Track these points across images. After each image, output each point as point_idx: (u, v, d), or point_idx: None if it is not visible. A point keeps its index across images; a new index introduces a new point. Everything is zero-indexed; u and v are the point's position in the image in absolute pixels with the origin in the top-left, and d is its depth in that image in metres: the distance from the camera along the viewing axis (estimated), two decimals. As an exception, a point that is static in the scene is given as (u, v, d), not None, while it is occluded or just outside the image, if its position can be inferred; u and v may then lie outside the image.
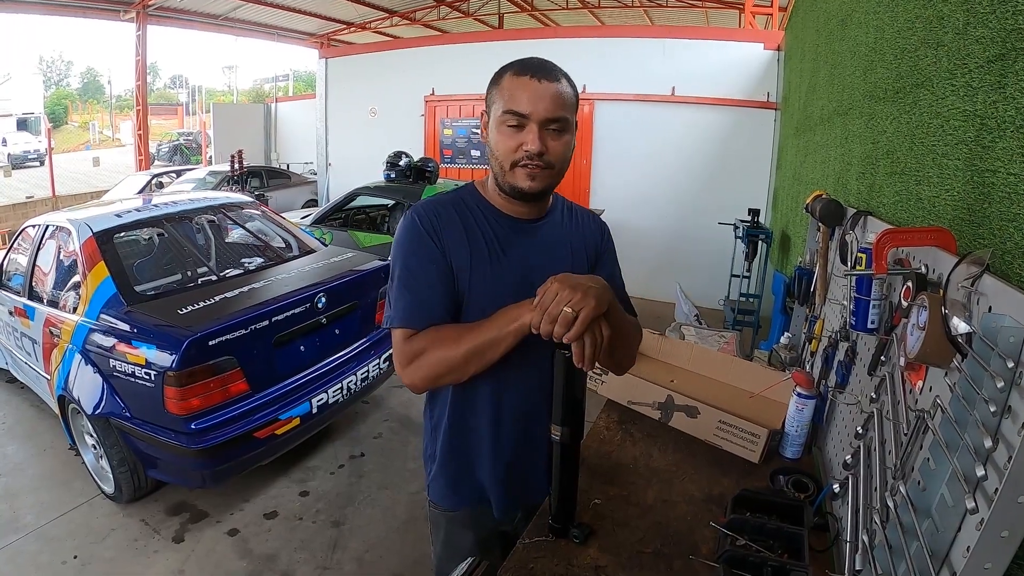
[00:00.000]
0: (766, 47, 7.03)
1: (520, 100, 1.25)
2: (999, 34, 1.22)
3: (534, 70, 1.26)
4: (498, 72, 1.32)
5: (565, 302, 1.12)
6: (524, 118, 1.25)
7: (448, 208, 1.37)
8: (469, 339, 1.25)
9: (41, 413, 4.34)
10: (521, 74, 1.26)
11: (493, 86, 1.31)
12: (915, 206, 1.65)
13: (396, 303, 1.33)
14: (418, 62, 9.18)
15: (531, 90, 1.25)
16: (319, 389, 3.43)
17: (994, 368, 0.88)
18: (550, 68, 1.29)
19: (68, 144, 36.32)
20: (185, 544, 3.09)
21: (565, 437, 1.29)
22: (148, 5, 12.31)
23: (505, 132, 1.28)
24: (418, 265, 1.32)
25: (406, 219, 1.36)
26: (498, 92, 1.29)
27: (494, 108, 1.29)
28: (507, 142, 1.28)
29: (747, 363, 2.26)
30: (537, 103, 1.24)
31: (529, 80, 1.25)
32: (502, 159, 1.30)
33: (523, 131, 1.26)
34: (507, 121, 1.26)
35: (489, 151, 1.34)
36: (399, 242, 1.35)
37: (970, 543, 0.86)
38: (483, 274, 1.34)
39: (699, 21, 15.46)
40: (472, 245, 1.34)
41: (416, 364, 1.29)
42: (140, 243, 4.00)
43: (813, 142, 3.89)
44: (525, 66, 1.28)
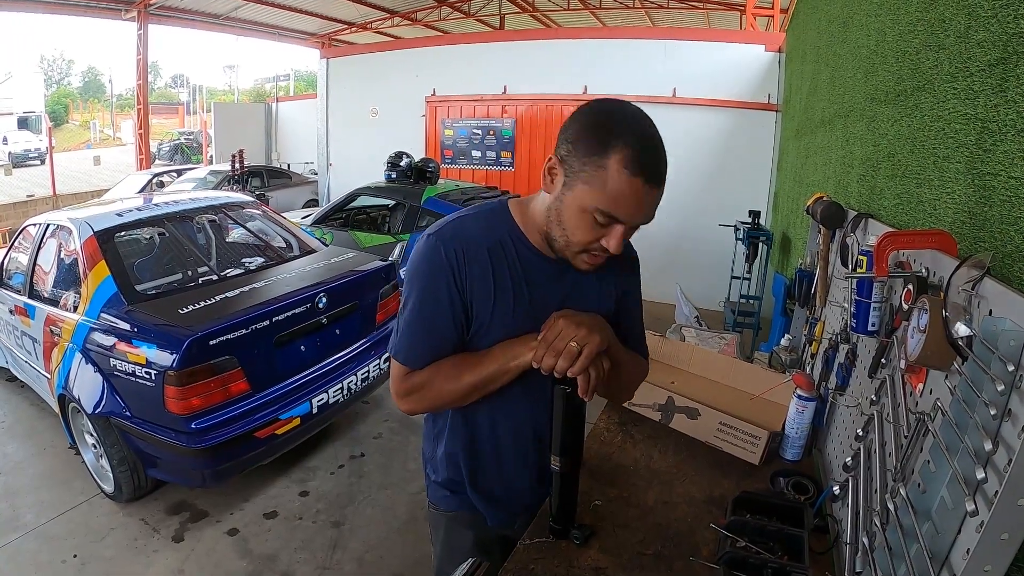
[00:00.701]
0: (767, 49, 7.05)
1: (624, 207, 1.10)
2: (1000, 38, 1.22)
3: (650, 172, 1.08)
4: (600, 140, 1.08)
5: (570, 338, 1.14)
6: (618, 221, 1.13)
7: (477, 241, 1.24)
8: (470, 374, 1.25)
9: (41, 412, 4.34)
10: (636, 174, 1.06)
11: (590, 157, 1.08)
12: (916, 209, 1.65)
13: (403, 338, 1.28)
14: (419, 62, 9.19)
15: (639, 197, 1.09)
16: (319, 389, 3.43)
17: (994, 371, 0.88)
18: (664, 164, 1.11)
19: (69, 143, 36.35)
20: (185, 543, 3.09)
21: (564, 467, 1.31)
22: (149, 4, 12.32)
23: (588, 223, 1.14)
24: (433, 304, 1.24)
25: (430, 245, 1.24)
26: (597, 171, 1.08)
27: (582, 188, 1.11)
28: (587, 234, 1.15)
29: (747, 365, 2.26)
30: (640, 212, 1.12)
31: (642, 185, 1.07)
32: (572, 242, 1.18)
33: (608, 229, 1.14)
34: (596, 216, 1.12)
35: (555, 217, 1.18)
36: (418, 269, 1.25)
37: (970, 545, 0.86)
38: (504, 315, 1.26)
39: (700, 23, 15.47)
40: (497, 286, 1.25)
41: (415, 397, 1.29)
42: (141, 242, 4.00)
43: (814, 144, 3.90)
44: (641, 160, 1.07)
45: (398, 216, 6.20)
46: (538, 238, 1.27)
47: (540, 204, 1.24)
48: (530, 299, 1.28)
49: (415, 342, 1.27)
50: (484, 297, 1.25)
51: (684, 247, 7.45)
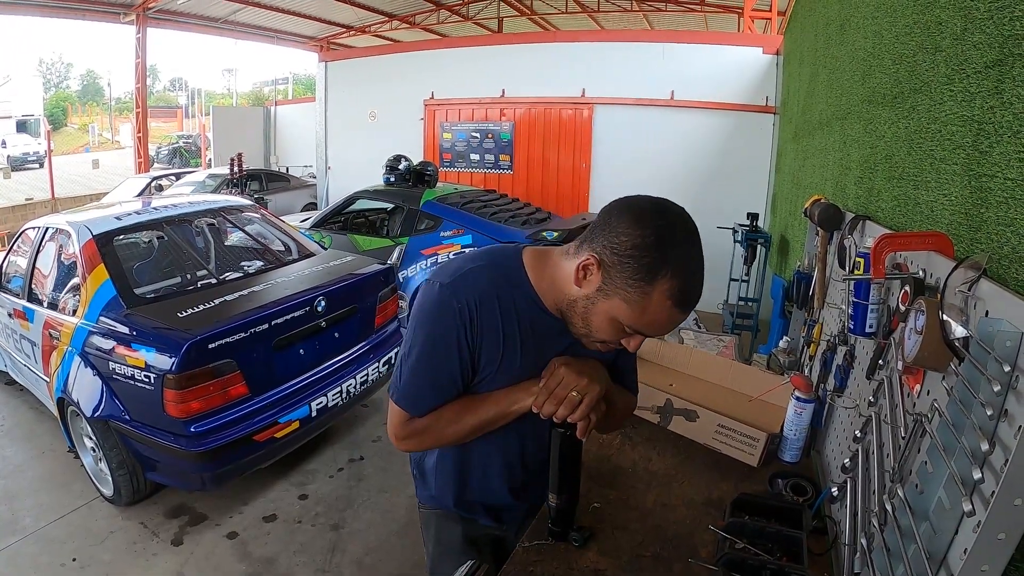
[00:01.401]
0: (765, 51, 7.06)
1: (657, 328, 1.14)
2: (997, 40, 1.23)
3: (691, 304, 1.11)
4: (651, 267, 1.06)
5: (571, 387, 1.19)
6: (644, 335, 1.17)
7: (489, 296, 1.22)
8: (469, 419, 1.28)
9: (40, 415, 4.34)
10: (677, 306, 1.09)
11: (637, 281, 1.07)
12: (913, 210, 1.66)
13: (407, 383, 1.27)
14: (418, 66, 9.20)
15: (674, 322, 1.12)
16: (318, 392, 3.43)
17: (991, 372, 0.88)
18: (701, 289, 1.13)
19: (67, 146, 36.35)
20: (184, 547, 3.08)
21: (561, 504, 1.35)
22: (148, 8, 12.34)
23: (616, 330, 1.15)
24: (443, 357, 1.23)
25: (443, 297, 1.21)
26: (642, 298, 1.08)
27: (620, 304, 1.10)
28: (609, 336, 1.17)
29: (746, 367, 2.26)
30: (668, 330, 1.17)
31: (678, 313, 1.10)
32: (594, 338, 1.19)
33: (631, 337, 1.17)
34: (627, 330, 1.14)
35: (582, 313, 1.17)
36: (427, 317, 1.24)
37: (967, 545, 0.86)
38: (510, 365, 1.27)
39: (698, 25, 15.52)
40: (506, 342, 1.25)
41: (415, 440, 1.32)
42: (140, 246, 4.01)
43: (812, 146, 3.90)
44: (685, 295, 1.09)
45: (397, 219, 6.20)
46: (551, 304, 1.24)
47: (562, 282, 1.20)
48: (536, 352, 1.28)
49: (420, 392, 1.27)
50: (492, 350, 1.25)
51: (683, 249, 7.43)
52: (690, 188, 7.32)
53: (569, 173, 8.15)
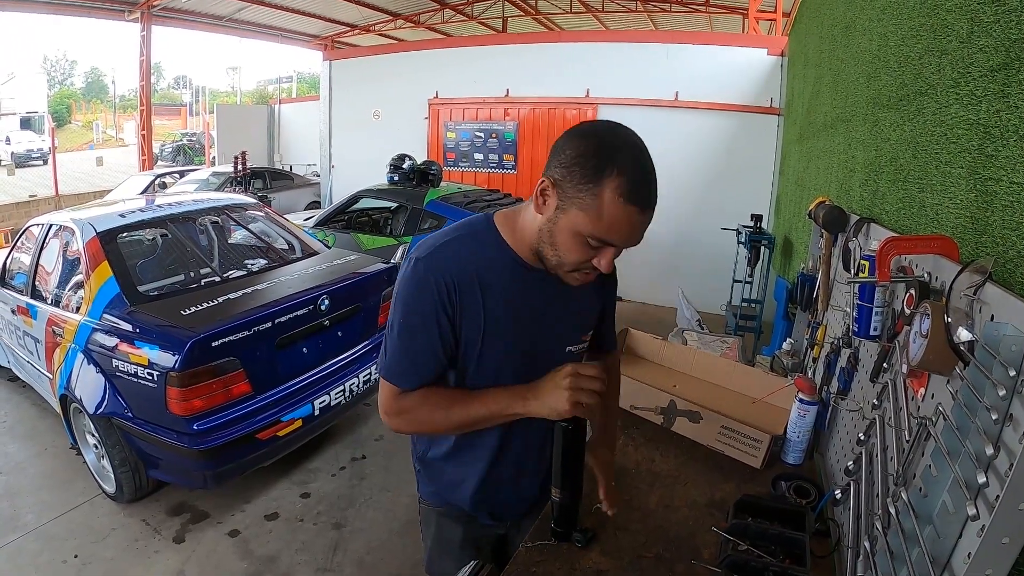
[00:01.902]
0: (769, 53, 7.05)
1: (618, 233, 1.12)
2: (1003, 43, 1.23)
3: (643, 200, 1.10)
4: (596, 167, 1.08)
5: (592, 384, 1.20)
6: (611, 245, 1.15)
7: (464, 265, 1.24)
8: (458, 413, 1.28)
9: (43, 412, 4.34)
10: (629, 202, 1.08)
11: (585, 184, 1.09)
12: (918, 213, 1.65)
13: (390, 357, 1.29)
14: (422, 65, 9.20)
15: (632, 224, 1.11)
16: (321, 391, 3.43)
17: (996, 376, 0.88)
18: (655, 190, 1.13)
19: (71, 143, 36.37)
20: (186, 545, 3.09)
21: (565, 499, 1.35)
22: (153, 5, 12.37)
23: (581, 245, 1.15)
24: (420, 329, 1.25)
25: (416, 271, 1.23)
26: (593, 202, 1.09)
27: (576, 213, 1.11)
28: (579, 255, 1.16)
29: (749, 369, 2.26)
30: (632, 237, 1.14)
31: (635, 212, 1.09)
32: (565, 262, 1.19)
33: (599, 251, 1.15)
34: (590, 240, 1.13)
35: (548, 237, 1.18)
36: (405, 292, 1.25)
37: (971, 549, 0.86)
38: (497, 325, 1.27)
39: (703, 26, 15.50)
40: (487, 302, 1.25)
41: (402, 419, 1.32)
42: (144, 243, 4.01)
43: (816, 148, 3.90)
44: (635, 190, 1.09)
45: (400, 218, 6.20)
46: (527, 252, 1.27)
47: (530, 221, 1.23)
48: (521, 310, 1.29)
49: (404, 365, 1.28)
50: (475, 315, 1.25)
51: (686, 251, 7.45)
52: (694, 189, 7.32)
53: (573, 173, 8.14)
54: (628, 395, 2.07)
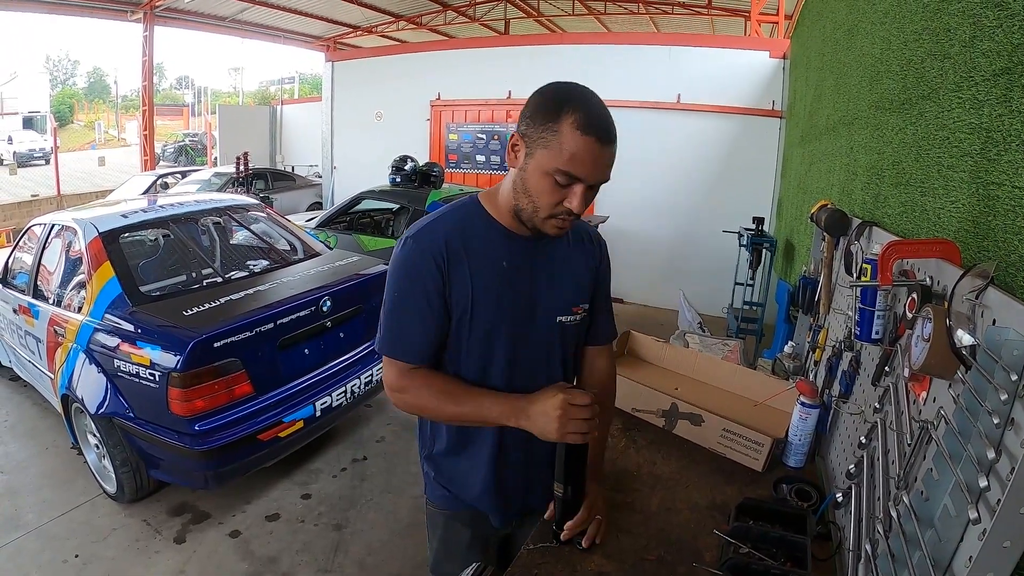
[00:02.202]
0: (772, 55, 7.05)
1: (582, 163, 1.17)
2: (1006, 48, 1.23)
3: (601, 133, 1.17)
4: (554, 106, 1.19)
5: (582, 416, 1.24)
6: (577, 180, 1.20)
7: (452, 229, 1.32)
8: (456, 406, 1.34)
9: (44, 411, 4.35)
10: (587, 132, 1.16)
11: (545, 122, 1.18)
12: (920, 217, 1.66)
13: (388, 331, 1.34)
14: (424, 67, 9.20)
15: (594, 155, 1.18)
16: (323, 392, 3.44)
17: (998, 380, 0.89)
18: (613, 127, 1.21)
19: (73, 143, 36.44)
20: (187, 545, 3.09)
21: (567, 495, 1.34)
22: (156, 6, 12.39)
23: (551, 185, 1.21)
24: (412, 296, 1.31)
25: (405, 246, 1.31)
26: (553, 137, 1.17)
27: (542, 153, 1.19)
28: (550, 196, 1.22)
29: (751, 372, 2.26)
30: (595, 169, 1.19)
31: (595, 144, 1.17)
32: (539, 207, 1.24)
33: (570, 189, 1.21)
34: (557, 177, 1.19)
35: (521, 185, 1.26)
36: (397, 268, 1.33)
37: (972, 553, 0.86)
38: (487, 293, 1.32)
39: (705, 29, 15.50)
40: (476, 269, 1.31)
41: (402, 397, 1.37)
42: (146, 244, 4.02)
43: (818, 151, 3.90)
44: (591, 124, 1.17)
45: (402, 220, 6.21)
46: (509, 219, 1.34)
47: (507, 182, 1.32)
48: (512, 280, 1.35)
49: (400, 337, 1.33)
50: (464, 282, 1.31)
51: (687, 253, 7.44)
52: (696, 191, 7.32)
53: (574, 175, 8.13)
54: (630, 398, 2.08)
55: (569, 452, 1.29)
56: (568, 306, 1.43)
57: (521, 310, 1.36)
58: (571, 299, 1.44)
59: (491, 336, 1.34)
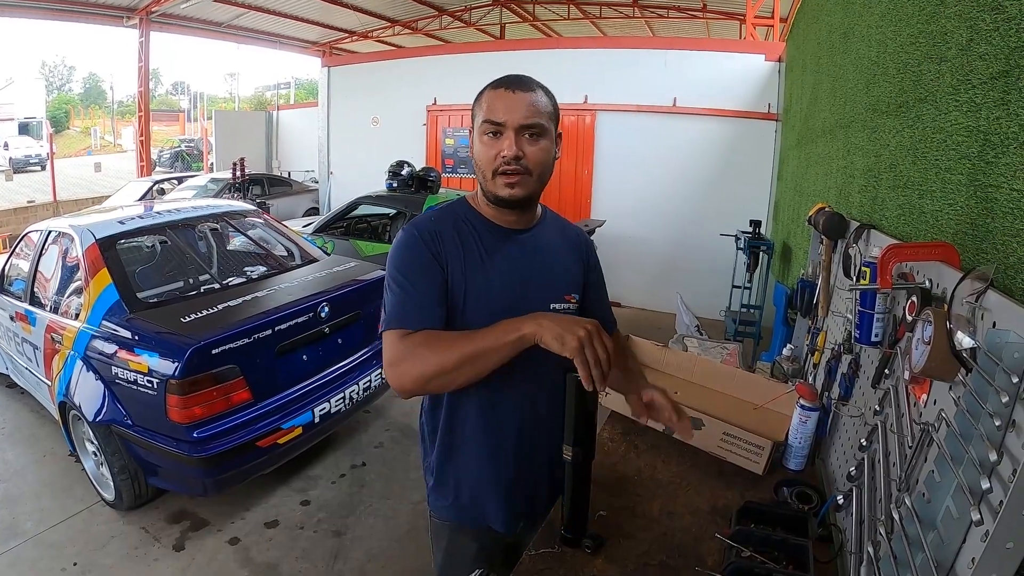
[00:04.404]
0: (767, 58, 7.07)
1: (496, 109, 1.32)
2: (1003, 51, 1.23)
3: (508, 83, 1.35)
4: (480, 91, 1.39)
5: (572, 326, 1.19)
6: (500, 126, 1.32)
7: (444, 222, 1.42)
8: (463, 345, 1.25)
9: (41, 419, 4.34)
10: (497, 87, 1.35)
11: (476, 102, 1.38)
12: (918, 220, 1.66)
13: (391, 308, 1.35)
14: (420, 72, 9.22)
15: (506, 100, 1.33)
16: (321, 398, 3.43)
17: (999, 383, 0.89)
18: (525, 80, 1.38)
19: (70, 149, 36.31)
20: (186, 552, 3.08)
21: (577, 457, 1.32)
22: (151, 11, 12.37)
23: (485, 141, 1.35)
24: (415, 274, 1.35)
25: (404, 233, 1.40)
26: (478, 106, 1.37)
27: (476, 122, 1.37)
28: (487, 151, 1.35)
29: (750, 375, 2.26)
30: (512, 112, 1.32)
31: (504, 92, 1.34)
32: (484, 168, 1.36)
33: (500, 139, 1.33)
34: (486, 130, 1.34)
35: (474, 163, 1.40)
36: (396, 254, 1.39)
37: (975, 555, 0.86)
38: (477, 282, 1.38)
39: (700, 32, 15.53)
40: (467, 255, 1.39)
41: (407, 364, 1.28)
42: (143, 250, 4.01)
43: (815, 154, 3.91)
44: (501, 80, 1.37)
45: (399, 225, 6.20)
46: (488, 210, 1.44)
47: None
48: (498, 266, 1.41)
49: (401, 303, 1.34)
50: (458, 262, 1.38)
51: (684, 256, 7.46)
52: (693, 195, 7.34)
53: (571, 179, 8.14)
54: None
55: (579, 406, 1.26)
56: (559, 294, 1.47)
57: (513, 299, 1.38)
58: (562, 287, 1.48)
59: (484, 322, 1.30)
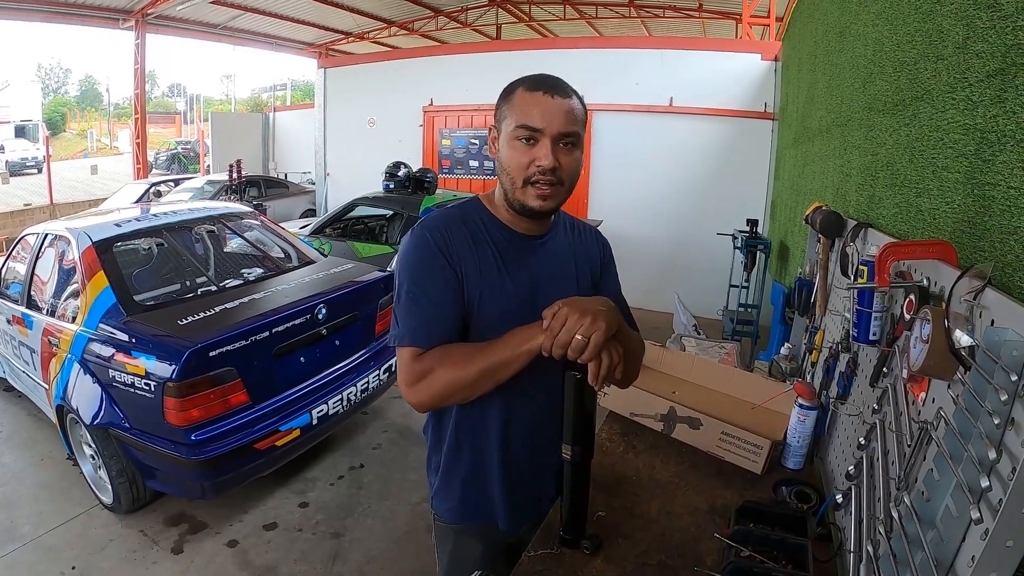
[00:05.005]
0: (763, 58, 7.08)
1: (533, 115, 1.24)
2: (999, 49, 1.23)
3: (547, 86, 1.26)
4: (509, 87, 1.31)
5: (575, 328, 1.14)
6: (537, 133, 1.24)
7: (457, 224, 1.34)
8: (480, 359, 1.23)
9: (39, 422, 4.32)
10: (534, 89, 1.26)
11: (504, 101, 1.30)
12: (915, 218, 1.66)
13: (404, 320, 1.29)
14: (417, 73, 9.21)
15: (544, 105, 1.24)
16: (319, 400, 3.42)
17: (997, 381, 0.89)
18: (563, 85, 1.29)
19: (66, 152, 36.21)
20: (184, 555, 3.07)
21: (576, 456, 1.30)
22: (147, 13, 12.35)
23: (518, 147, 1.26)
24: (429, 281, 1.29)
25: (415, 235, 1.33)
26: (509, 107, 1.28)
27: (505, 123, 1.28)
28: (520, 158, 1.26)
29: (748, 374, 2.27)
30: (551, 118, 1.24)
31: (542, 96, 1.25)
32: (514, 175, 1.28)
33: (536, 146, 1.25)
34: (520, 136, 1.25)
35: (499, 166, 1.32)
36: (408, 257, 1.32)
37: (975, 553, 0.86)
38: (492, 290, 1.32)
39: (696, 32, 15.54)
40: (481, 262, 1.32)
41: (425, 383, 1.26)
42: (139, 253, 4.00)
43: (812, 153, 3.91)
44: (537, 82, 1.27)
45: (396, 226, 6.21)
46: (506, 214, 1.37)
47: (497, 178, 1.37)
48: (513, 273, 1.35)
49: (416, 319, 1.29)
50: (471, 268, 1.31)
51: (682, 256, 7.46)
52: (689, 194, 7.34)
53: (568, 179, 8.13)
54: (627, 402, 2.08)
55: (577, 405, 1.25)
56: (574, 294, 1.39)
57: (527, 306, 1.31)
58: (573, 291, 1.41)
59: (497, 331, 1.28)
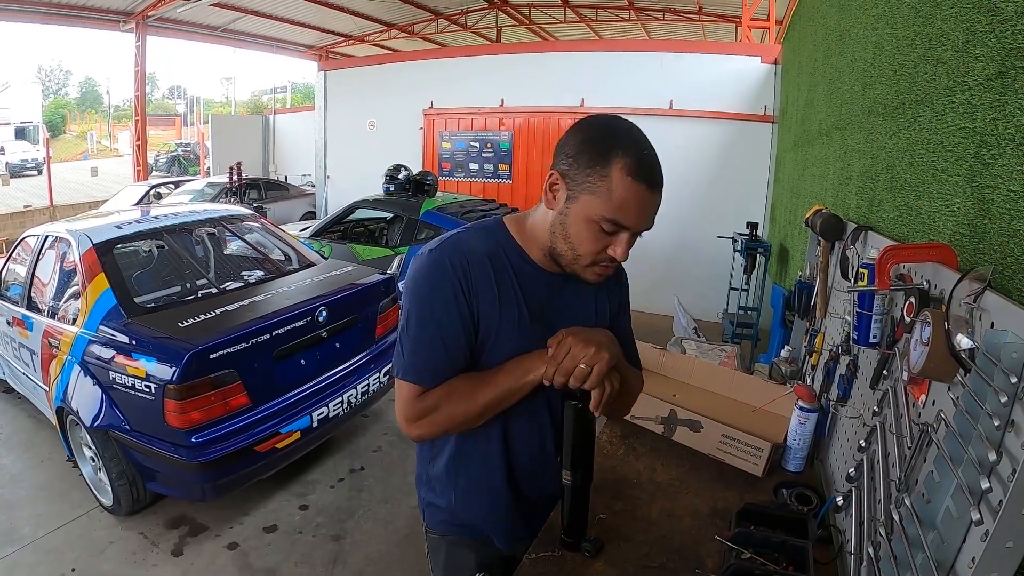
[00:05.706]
0: (763, 61, 7.10)
1: (629, 213, 1.12)
2: (999, 53, 1.24)
3: (650, 177, 1.12)
4: (602, 151, 1.11)
5: (580, 358, 1.14)
6: (624, 228, 1.15)
7: (479, 253, 1.23)
8: (484, 393, 1.22)
9: (39, 424, 4.32)
10: (637, 179, 1.10)
11: (593, 165, 1.11)
12: (915, 221, 1.67)
13: (410, 355, 1.23)
14: (417, 75, 9.22)
15: (643, 203, 1.12)
16: (320, 403, 3.43)
17: (997, 383, 0.89)
18: (660, 170, 1.14)
19: (66, 153, 36.27)
20: (184, 558, 3.07)
21: (576, 482, 1.31)
22: (148, 16, 12.36)
23: (595, 232, 1.15)
24: (443, 314, 1.21)
25: (432, 258, 1.22)
26: (602, 184, 1.11)
27: (587, 198, 1.13)
28: (594, 244, 1.16)
29: (749, 377, 2.27)
30: (644, 217, 1.14)
31: (644, 190, 1.11)
32: (581, 255, 1.18)
33: (614, 236, 1.16)
34: (603, 225, 1.13)
35: (561, 231, 1.19)
36: (421, 281, 1.22)
37: (975, 554, 0.87)
38: (510, 328, 1.25)
39: (696, 35, 15.57)
40: (501, 297, 1.24)
41: (427, 420, 1.23)
42: (140, 255, 4.00)
43: (811, 156, 3.92)
44: (641, 168, 1.10)
45: (396, 229, 6.21)
46: (538, 253, 1.27)
47: (541, 220, 1.25)
48: (533, 310, 1.27)
49: (427, 358, 1.22)
50: (490, 305, 1.23)
51: (682, 259, 7.47)
52: (689, 197, 7.33)
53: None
54: (628, 404, 2.07)
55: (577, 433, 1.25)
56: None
57: (541, 343, 1.24)
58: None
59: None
